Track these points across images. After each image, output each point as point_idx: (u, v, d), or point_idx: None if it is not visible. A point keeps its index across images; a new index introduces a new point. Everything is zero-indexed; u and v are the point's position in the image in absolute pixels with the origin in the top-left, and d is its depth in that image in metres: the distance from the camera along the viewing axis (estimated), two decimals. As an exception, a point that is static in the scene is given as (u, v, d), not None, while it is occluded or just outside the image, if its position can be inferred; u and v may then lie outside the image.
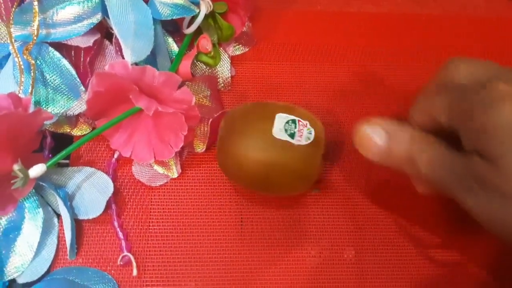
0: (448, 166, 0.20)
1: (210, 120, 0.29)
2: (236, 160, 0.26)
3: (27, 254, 0.26)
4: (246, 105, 0.28)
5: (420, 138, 0.22)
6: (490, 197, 0.19)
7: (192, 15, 0.30)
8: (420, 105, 0.23)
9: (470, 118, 0.20)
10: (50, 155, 0.29)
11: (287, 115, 0.26)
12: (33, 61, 0.26)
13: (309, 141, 0.25)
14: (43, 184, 0.27)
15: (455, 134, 0.21)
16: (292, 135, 0.25)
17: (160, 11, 0.28)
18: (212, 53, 0.32)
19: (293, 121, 0.25)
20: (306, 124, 0.26)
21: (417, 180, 0.25)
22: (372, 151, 0.22)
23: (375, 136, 0.22)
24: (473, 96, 0.20)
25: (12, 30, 0.27)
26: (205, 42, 0.32)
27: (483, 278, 0.28)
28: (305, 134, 0.25)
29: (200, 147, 0.30)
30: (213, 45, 0.32)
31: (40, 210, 0.26)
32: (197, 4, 0.30)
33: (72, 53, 0.29)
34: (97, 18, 0.27)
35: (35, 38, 0.26)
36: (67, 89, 0.28)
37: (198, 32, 0.32)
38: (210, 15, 0.32)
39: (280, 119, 0.25)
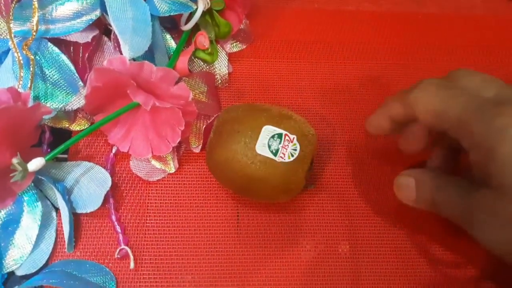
0: (460, 205, 0.22)
1: (206, 123, 0.30)
2: (220, 166, 0.26)
3: (25, 247, 0.26)
4: (239, 107, 0.27)
5: (439, 182, 0.24)
6: (499, 226, 0.20)
7: (189, 11, 0.30)
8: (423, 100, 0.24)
9: (482, 139, 0.21)
10: (48, 150, 0.29)
11: (275, 128, 0.25)
12: (32, 57, 0.27)
13: (292, 158, 0.25)
14: (42, 178, 0.27)
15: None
16: (275, 152, 0.25)
17: (158, 7, 0.29)
18: (209, 49, 0.33)
19: (279, 136, 0.25)
20: (293, 139, 0.25)
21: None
22: (407, 199, 0.25)
23: (407, 187, 0.25)
24: (487, 116, 0.21)
25: (11, 25, 0.27)
26: (203, 39, 0.32)
27: (478, 272, 0.28)
28: (289, 150, 0.25)
29: (195, 144, 0.30)
30: (211, 42, 0.33)
31: (39, 203, 0.27)
32: (195, 1, 0.30)
33: (71, 48, 0.29)
34: (95, 14, 0.28)
35: (34, 33, 0.27)
36: (65, 84, 0.28)
37: (196, 29, 0.32)
38: (208, 12, 0.32)
39: (265, 133, 0.25)
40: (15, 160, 0.24)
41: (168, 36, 0.32)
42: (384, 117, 0.26)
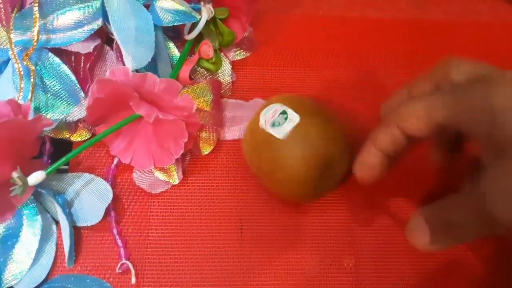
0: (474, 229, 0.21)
1: (217, 133, 0.30)
2: (259, 145, 0.26)
3: (25, 262, 0.26)
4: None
5: (449, 211, 0.22)
6: None
7: (193, 21, 0.29)
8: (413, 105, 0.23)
9: (490, 123, 0.20)
10: (49, 161, 0.29)
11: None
12: (33, 67, 0.26)
13: (287, 124, 0.25)
14: (42, 191, 0.26)
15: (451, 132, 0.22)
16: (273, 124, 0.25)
17: (161, 17, 0.28)
18: (213, 59, 0.32)
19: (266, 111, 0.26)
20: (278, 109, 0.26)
21: None
22: (421, 243, 0.23)
23: (417, 229, 0.23)
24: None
25: (12, 35, 0.27)
26: (207, 48, 0.32)
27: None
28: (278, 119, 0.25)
29: (207, 150, 0.30)
30: (215, 51, 0.32)
31: (39, 217, 0.26)
32: (198, 10, 0.30)
33: (72, 58, 0.28)
34: (97, 24, 0.27)
35: (35, 43, 0.26)
36: (67, 95, 0.28)
37: (199, 37, 0.32)
38: (211, 21, 0.31)
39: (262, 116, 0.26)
40: (15, 174, 0.24)
41: (171, 45, 0.31)
42: (373, 152, 0.24)
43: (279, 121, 0.25)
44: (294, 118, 0.25)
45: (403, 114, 0.23)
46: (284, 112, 0.26)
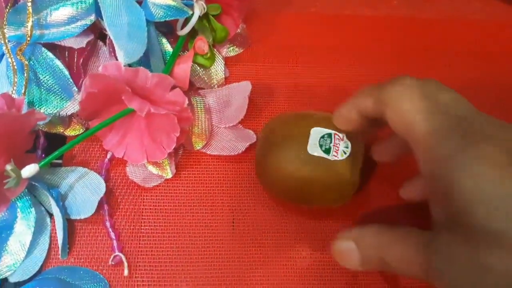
0: (417, 258, 0.19)
1: (211, 125, 0.30)
2: (273, 173, 0.26)
3: (19, 253, 0.26)
4: (285, 115, 0.28)
5: (386, 238, 0.21)
6: (463, 275, 0.17)
7: (185, 16, 0.30)
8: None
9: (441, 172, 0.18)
10: (43, 155, 0.29)
11: (323, 128, 0.25)
12: (26, 62, 0.27)
13: (345, 156, 0.25)
14: (36, 184, 0.27)
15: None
16: (327, 151, 0.24)
17: (153, 12, 0.28)
18: (208, 54, 0.32)
19: (329, 135, 0.25)
20: (343, 137, 0.25)
21: None
22: (350, 264, 0.22)
23: (349, 251, 0.22)
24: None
25: (5, 30, 0.27)
26: (202, 44, 0.32)
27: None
28: (341, 148, 0.25)
29: (199, 145, 0.31)
30: (209, 46, 0.32)
31: (33, 209, 0.27)
32: (191, 6, 0.30)
33: (66, 53, 0.29)
34: (90, 19, 0.28)
35: (28, 38, 0.27)
36: (60, 90, 0.28)
37: (193, 33, 0.32)
38: (204, 17, 0.32)
39: (315, 134, 0.25)
40: (8, 167, 0.24)
41: (164, 40, 0.32)
42: (353, 109, 0.24)
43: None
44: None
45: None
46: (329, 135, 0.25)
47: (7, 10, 0.27)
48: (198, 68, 0.33)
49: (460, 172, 0.17)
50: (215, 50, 0.34)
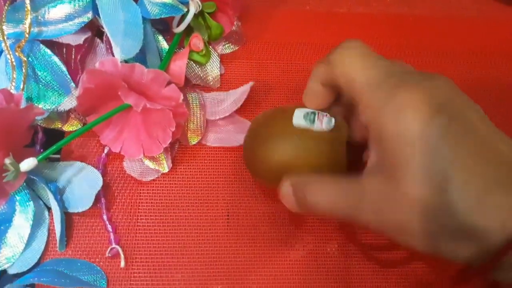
0: (344, 202, 0.21)
1: (206, 120, 0.31)
2: (260, 158, 0.26)
3: (18, 246, 0.27)
4: (268, 110, 0.28)
5: (315, 183, 0.23)
6: (390, 211, 0.20)
7: (180, 14, 0.30)
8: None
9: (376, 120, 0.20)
10: (41, 150, 0.29)
11: (306, 108, 0.26)
12: (25, 58, 0.27)
13: (330, 127, 0.25)
14: (35, 178, 0.27)
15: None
16: (311, 121, 0.25)
17: (149, 10, 0.29)
18: (203, 51, 0.33)
19: (313, 113, 0.25)
20: (326, 114, 0.25)
21: None
22: (290, 207, 0.24)
23: (288, 194, 0.24)
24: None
25: (4, 27, 0.27)
26: (197, 41, 0.33)
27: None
28: (325, 121, 0.25)
29: (194, 140, 0.31)
30: (204, 43, 0.33)
31: (31, 203, 0.27)
32: (186, 4, 0.30)
33: (64, 50, 0.29)
34: (87, 16, 0.28)
35: (27, 35, 0.27)
36: (58, 85, 0.28)
37: (188, 31, 0.33)
38: (200, 14, 0.32)
39: (299, 112, 0.25)
40: (7, 160, 0.25)
41: (160, 38, 0.32)
42: (315, 81, 0.25)
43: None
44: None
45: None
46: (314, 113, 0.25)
47: (6, 7, 0.27)
48: (194, 65, 0.33)
49: (387, 119, 0.20)
50: (210, 47, 0.34)
